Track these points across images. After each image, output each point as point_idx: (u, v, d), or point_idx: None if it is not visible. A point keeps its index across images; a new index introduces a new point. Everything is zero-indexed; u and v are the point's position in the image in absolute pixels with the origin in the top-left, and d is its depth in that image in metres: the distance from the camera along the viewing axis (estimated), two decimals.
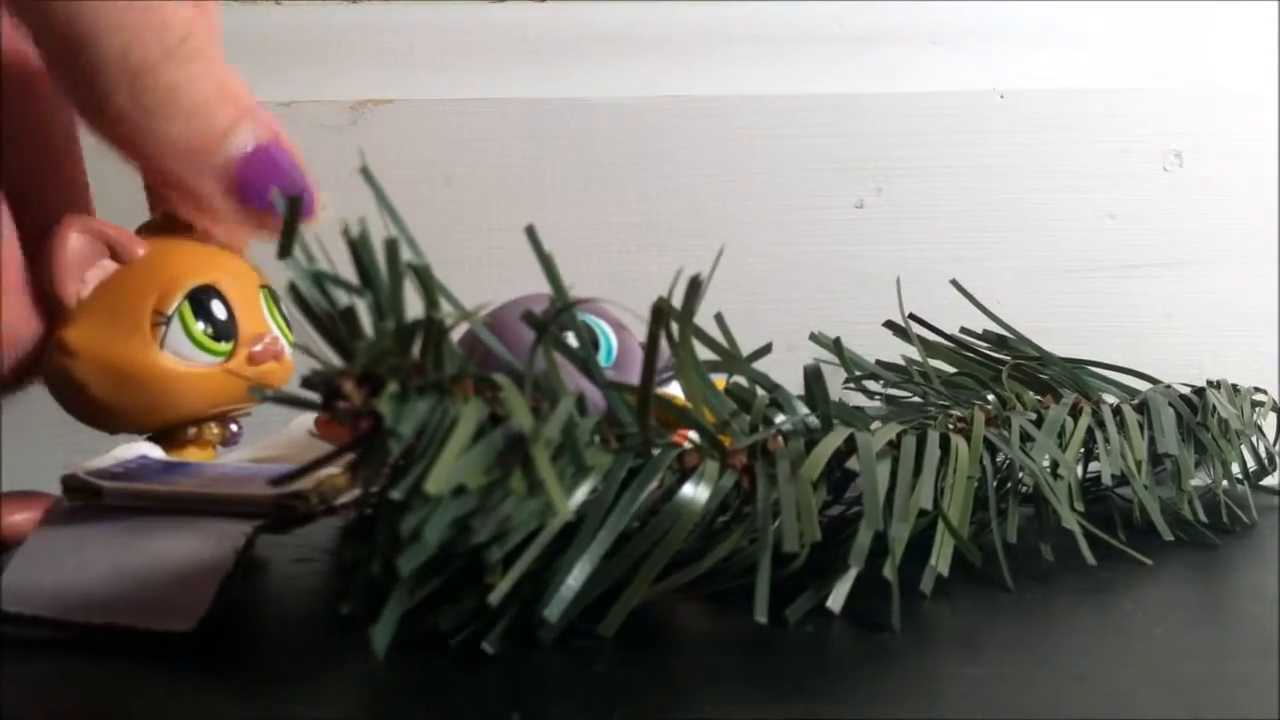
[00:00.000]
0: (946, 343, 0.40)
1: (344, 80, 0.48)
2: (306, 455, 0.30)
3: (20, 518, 0.32)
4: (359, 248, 0.23)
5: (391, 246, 0.23)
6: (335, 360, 0.23)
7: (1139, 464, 0.34)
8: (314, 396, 0.22)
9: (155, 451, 0.31)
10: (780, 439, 0.28)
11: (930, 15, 0.50)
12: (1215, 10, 0.50)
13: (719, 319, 0.29)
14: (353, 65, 0.49)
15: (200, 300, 0.32)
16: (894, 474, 0.28)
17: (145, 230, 0.35)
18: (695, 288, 0.26)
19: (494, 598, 0.23)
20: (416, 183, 0.46)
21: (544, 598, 0.24)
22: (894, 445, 0.29)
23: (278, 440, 0.34)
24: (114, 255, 0.32)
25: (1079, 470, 0.35)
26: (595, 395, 0.27)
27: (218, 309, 0.32)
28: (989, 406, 0.34)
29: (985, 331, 0.41)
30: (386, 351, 0.22)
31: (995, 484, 0.32)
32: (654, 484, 0.26)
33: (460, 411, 0.23)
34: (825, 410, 0.29)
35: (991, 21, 0.50)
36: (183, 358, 0.31)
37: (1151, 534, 0.33)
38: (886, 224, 0.50)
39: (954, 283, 0.40)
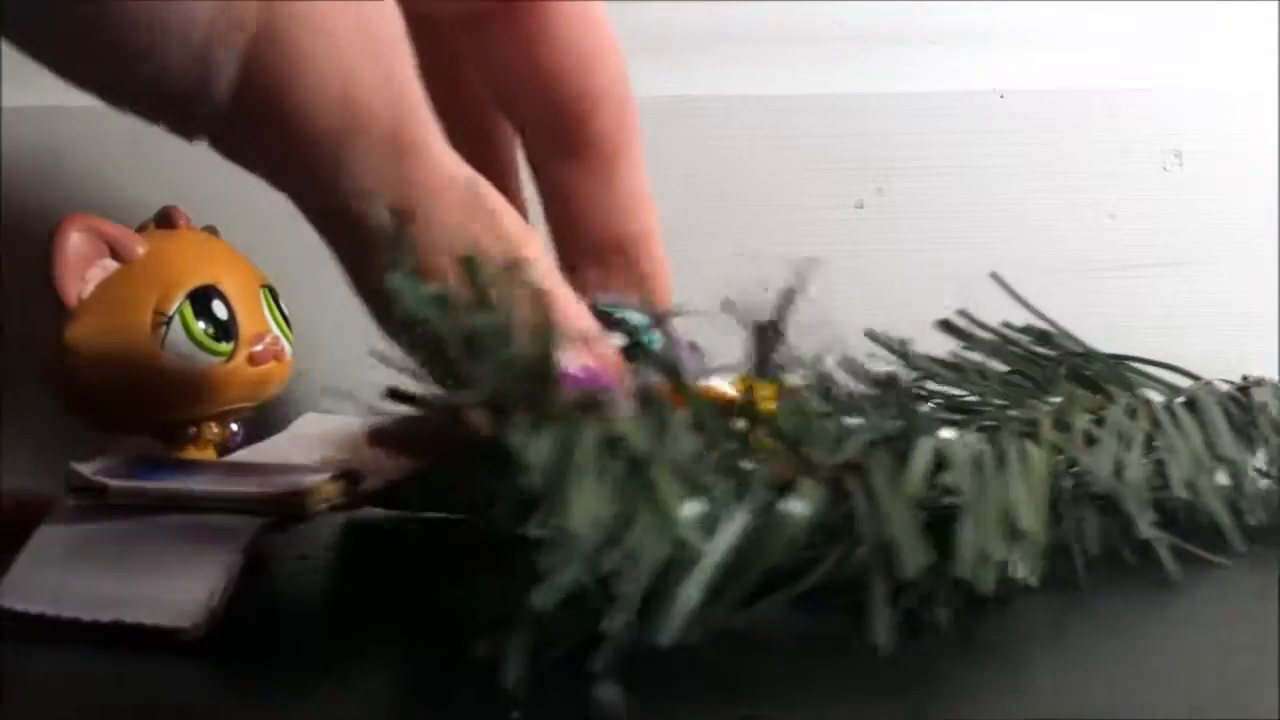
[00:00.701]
0: (995, 338, 0.39)
1: None
2: (311, 456, 0.30)
3: None
4: (474, 271, 0.23)
5: (511, 269, 0.23)
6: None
7: (1209, 468, 0.34)
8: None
9: (159, 450, 0.31)
10: (869, 451, 0.27)
11: (930, 15, 0.50)
12: (1215, 10, 0.50)
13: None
14: None
15: (201, 300, 0.32)
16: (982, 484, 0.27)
17: (146, 229, 0.35)
18: (789, 300, 0.26)
19: (611, 626, 0.22)
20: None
21: (654, 619, 0.23)
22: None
23: (284, 439, 0.34)
24: (115, 254, 0.32)
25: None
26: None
27: (219, 309, 0.32)
28: (1048, 408, 0.34)
29: (1028, 326, 0.40)
30: (514, 379, 0.22)
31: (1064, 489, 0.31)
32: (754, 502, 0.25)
33: (583, 438, 0.22)
34: (907, 418, 0.29)
35: (991, 21, 0.50)
36: (184, 357, 0.31)
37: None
38: (886, 224, 0.50)
39: (994, 276, 0.39)
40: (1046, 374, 0.37)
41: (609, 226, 0.30)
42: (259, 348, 0.33)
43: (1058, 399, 0.35)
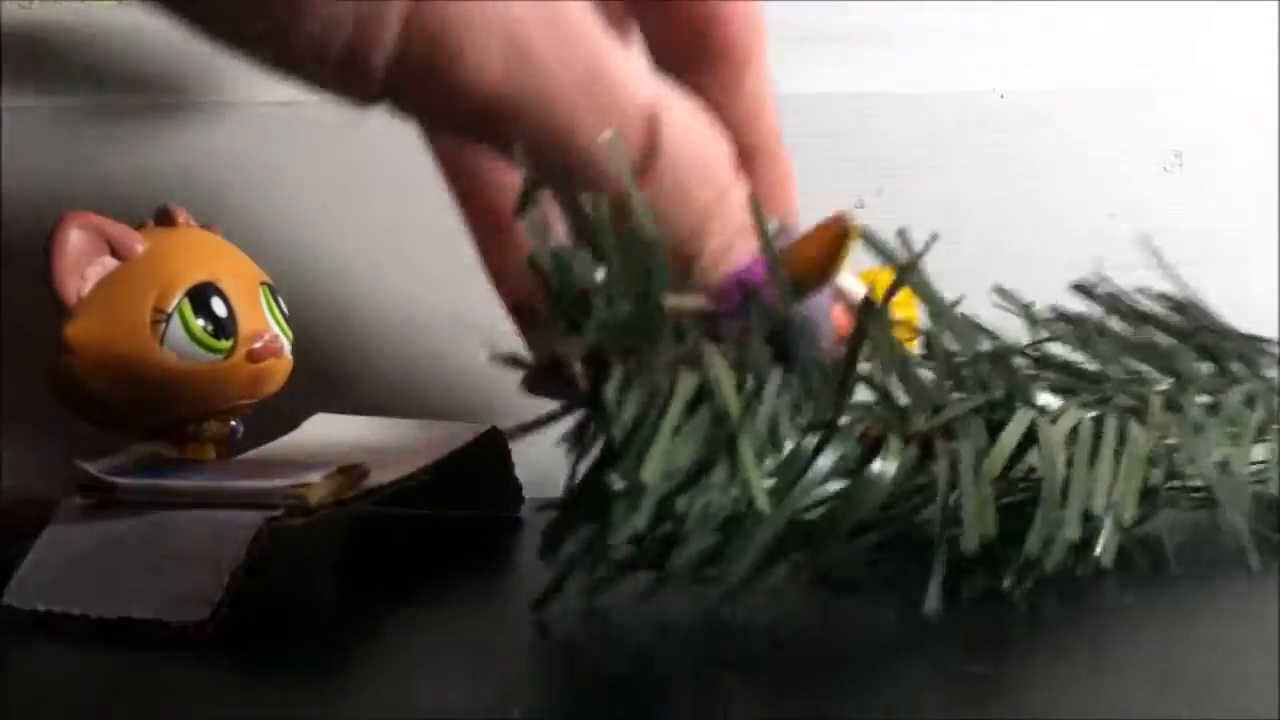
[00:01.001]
0: (1129, 306, 0.38)
1: None
2: (320, 455, 0.31)
3: None
4: (598, 226, 0.23)
5: (631, 230, 0.23)
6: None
7: None
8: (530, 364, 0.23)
9: (167, 450, 0.31)
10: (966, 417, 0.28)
11: (931, 15, 0.50)
12: (1215, 10, 0.50)
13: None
14: None
15: (200, 297, 0.32)
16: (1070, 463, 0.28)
17: (145, 227, 0.35)
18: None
19: (678, 563, 0.24)
20: (417, 182, 0.46)
21: (722, 565, 0.25)
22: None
23: (293, 439, 0.34)
24: (114, 252, 0.32)
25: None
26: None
27: (218, 306, 0.32)
28: (1163, 389, 0.33)
29: (1164, 295, 0.39)
30: (616, 334, 0.23)
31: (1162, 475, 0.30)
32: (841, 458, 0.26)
33: (674, 392, 0.23)
34: (1012, 386, 0.29)
35: (991, 21, 0.50)
36: (183, 355, 0.31)
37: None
38: (886, 224, 0.50)
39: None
40: (1173, 348, 0.36)
41: (737, 136, 0.29)
42: (258, 345, 0.32)
43: (1175, 375, 0.34)
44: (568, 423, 0.23)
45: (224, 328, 0.32)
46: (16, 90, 0.43)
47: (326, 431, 0.36)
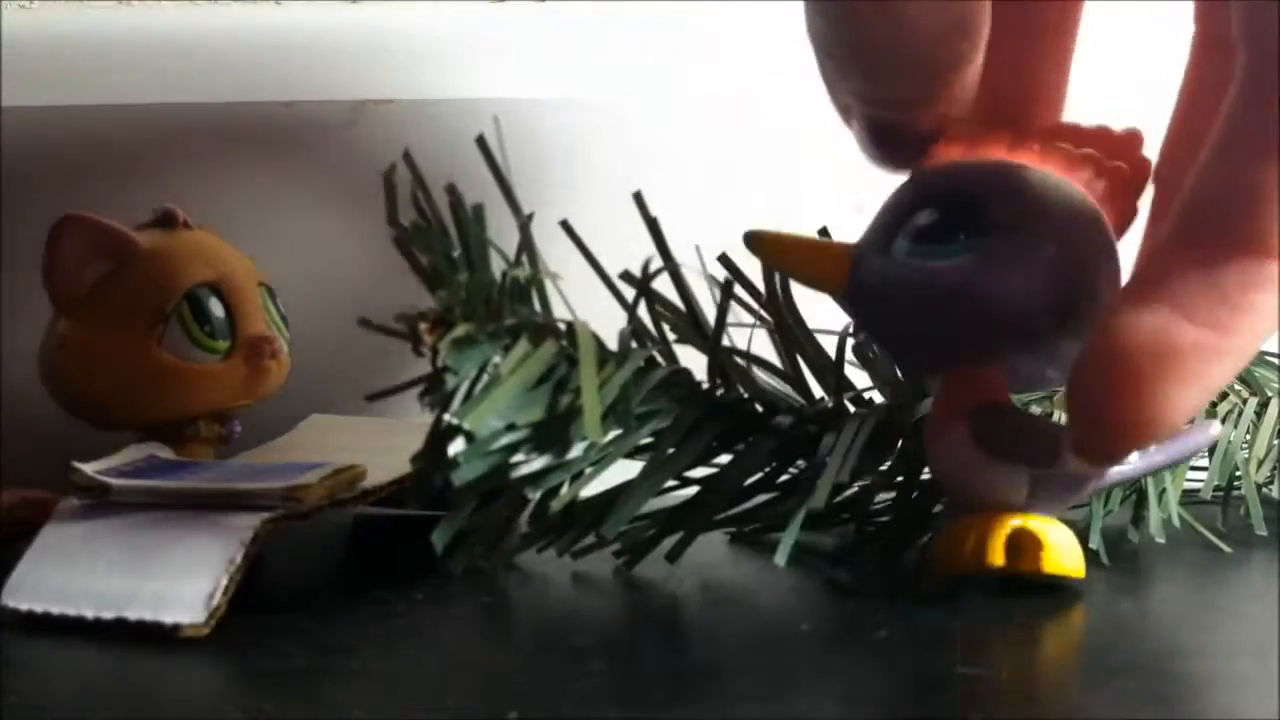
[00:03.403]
0: None
1: (344, 80, 0.48)
2: (317, 455, 0.31)
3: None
4: (457, 210, 0.27)
5: (478, 210, 0.27)
6: None
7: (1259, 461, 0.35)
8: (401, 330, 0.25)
9: (164, 451, 0.31)
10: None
11: None
12: None
13: None
14: (353, 65, 0.49)
15: (198, 299, 0.32)
16: None
17: (144, 228, 0.35)
18: None
19: (556, 507, 0.27)
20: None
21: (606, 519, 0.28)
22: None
23: (290, 440, 0.34)
24: (112, 253, 0.32)
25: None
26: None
27: (216, 308, 0.32)
28: None
29: None
30: (462, 299, 0.25)
31: None
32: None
33: (527, 355, 0.25)
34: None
35: None
36: (180, 356, 0.31)
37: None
38: None
39: None
40: None
41: None
42: (256, 346, 0.32)
43: None
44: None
45: (222, 329, 0.32)
46: (17, 90, 0.43)
47: (323, 432, 0.36)
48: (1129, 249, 0.28)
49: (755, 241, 0.29)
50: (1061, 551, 0.27)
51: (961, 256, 0.26)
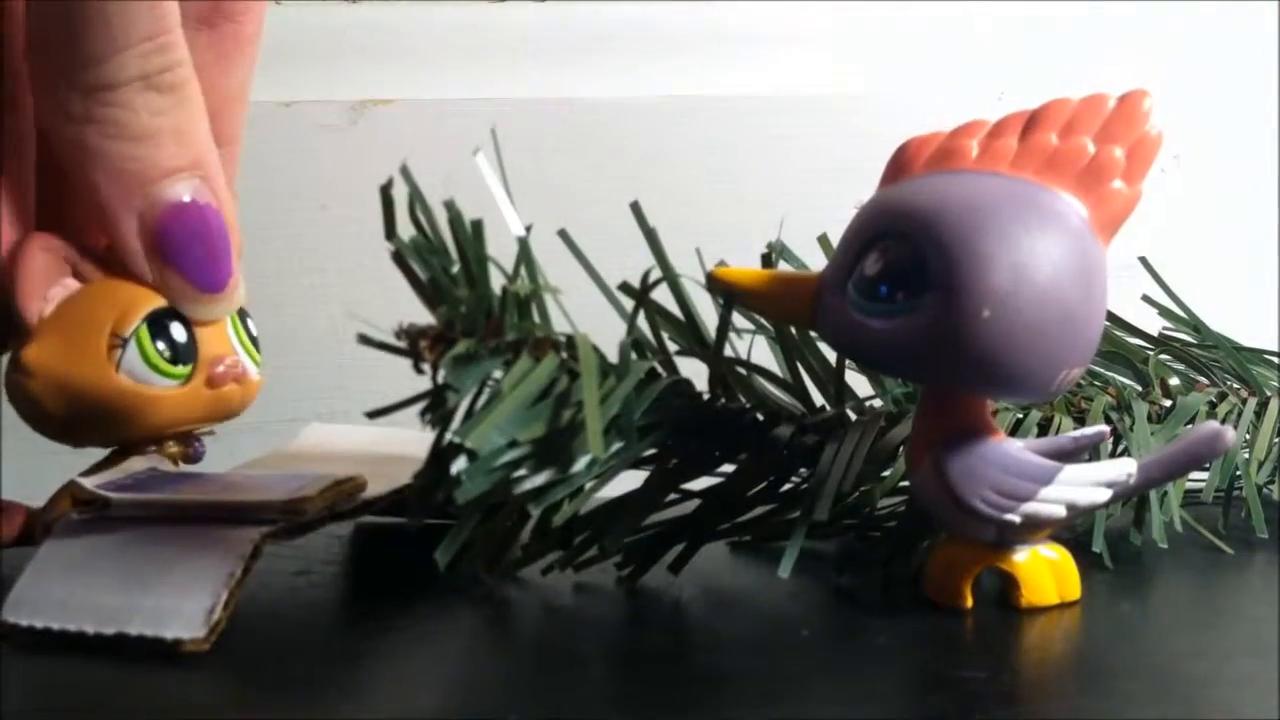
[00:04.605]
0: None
1: (344, 80, 0.48)
2: (315, 466, 0.30)
3: None
4: (455, 225, 0.26)
5: (477, 226, 0.26)
6: None
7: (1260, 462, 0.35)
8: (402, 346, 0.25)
9: (165, 464, 0.31)
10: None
11: (929, 15, 0.50)
12: (1215, 10, 0.50)
13: None
14: (353, 65, 0.49)
15: (160, 322, 0.31)
16: None
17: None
18: None
19: (558, 522, 0.27)
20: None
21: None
22: None
23: (289, 450, 0.34)
24: (77, 274, 0.31)
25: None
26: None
27: (177, 331, 0.31)
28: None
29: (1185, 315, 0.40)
30: (462, 316, 0.25)
31: None
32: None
33: (528, 370, 0.26)
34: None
35: (990, 21, 0.50)
36: (138, 380, 0.30)
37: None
38: None
39: (1142, 260, 0.39)
40: (1201, 362, 0.38)
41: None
42: (219, 370, 0.32)
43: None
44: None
45: (183, 353, 0.31)
46: None
47: (323, 441, 0.36)
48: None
49: (717, 282, 0.28)
50: (1040, 585, 0.27)
51: (897, 319, 0.25)
